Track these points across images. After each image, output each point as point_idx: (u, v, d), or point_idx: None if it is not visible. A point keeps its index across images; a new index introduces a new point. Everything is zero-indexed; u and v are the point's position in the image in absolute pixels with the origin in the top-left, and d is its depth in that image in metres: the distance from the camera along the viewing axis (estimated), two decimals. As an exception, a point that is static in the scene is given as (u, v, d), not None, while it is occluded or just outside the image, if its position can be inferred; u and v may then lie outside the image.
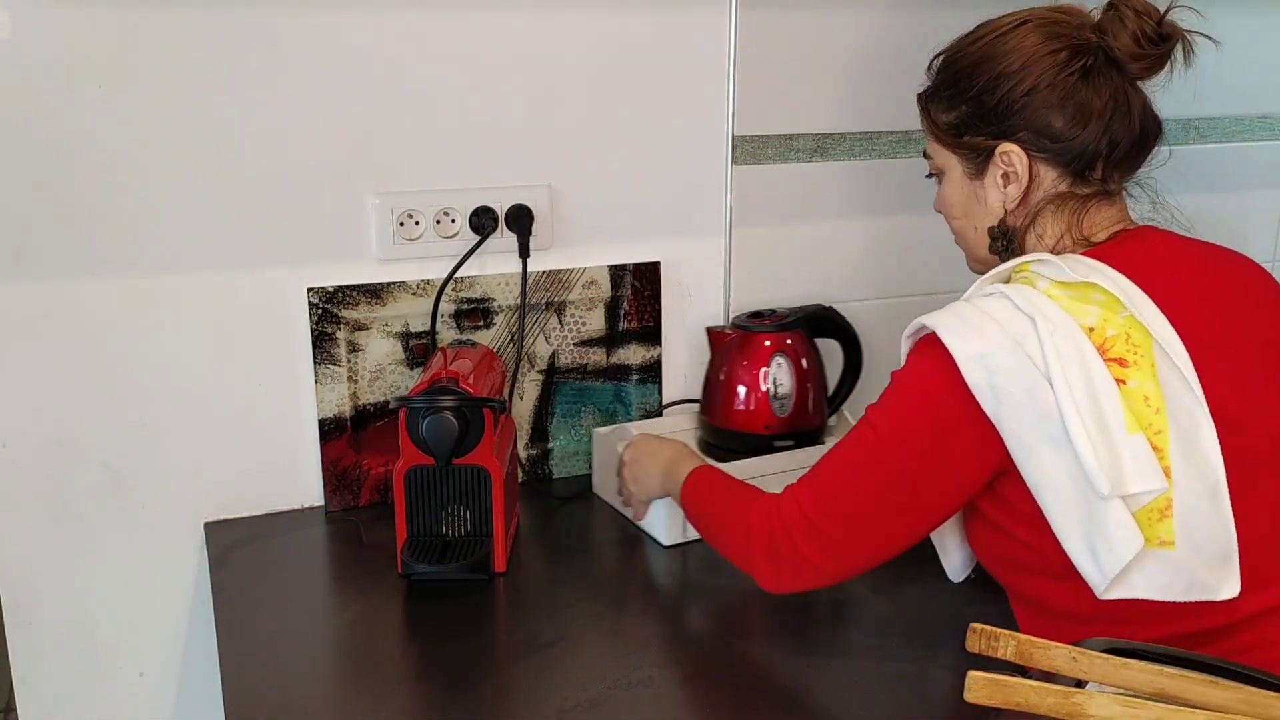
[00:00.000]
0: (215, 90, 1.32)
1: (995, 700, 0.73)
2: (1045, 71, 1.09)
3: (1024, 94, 1.09)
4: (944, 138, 1.17)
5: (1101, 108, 1.08)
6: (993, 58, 1.11)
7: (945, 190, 1.20)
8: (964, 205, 1.18)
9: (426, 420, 1.24)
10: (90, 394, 1.36)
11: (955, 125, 1.15)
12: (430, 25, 1.39)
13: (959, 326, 1.01)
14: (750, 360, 1.48)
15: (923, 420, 1.03)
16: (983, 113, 1.12)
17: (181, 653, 1.47)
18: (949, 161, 1.17)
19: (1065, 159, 1.10)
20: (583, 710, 1.06)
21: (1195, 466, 0.96)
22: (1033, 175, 1.11)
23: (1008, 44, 1.11)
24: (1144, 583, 0.97)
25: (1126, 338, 0.99)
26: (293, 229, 1.40)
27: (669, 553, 1.38)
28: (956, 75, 1.15)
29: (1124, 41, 1.08)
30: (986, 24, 1.15)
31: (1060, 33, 1.10)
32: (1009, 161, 1.11)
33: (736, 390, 1.48)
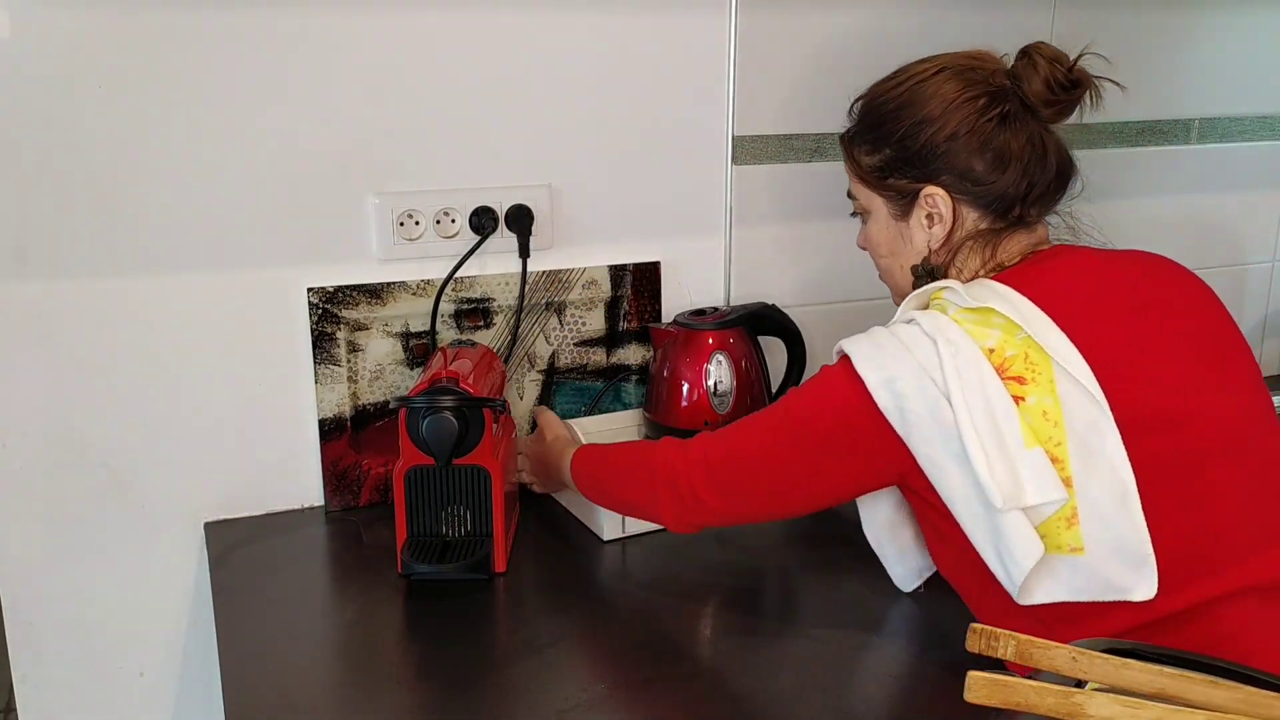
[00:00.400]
0: (215, 90, 1.32)
1: (995, 700, 0.73)
2: (965, 118, 1.13)
3: (945, 139, 1.14)
4: (869, 179, 1.21)
5: (1019, 151, 1.13)
6: (914, 103, 1.16)
7: (871, 229, 1.24)
8: (889, 244, 1.22)
9: (426, 420, 1.24)
10: (90, 394, 1.36)
11: (879, 168, 1.19)
12: (431, 25, 1.39)
13: (872, 353, 1.07)
14: (692, 357, 1.48)
15: (833, 420, 1.08)
16: (906, 156, 1.16)
17: (181, 653, 1.47)
18: (874, 202, 1.22)
19: (986, 201, 1.15)
20: (583, 710, 1.06)
21: (1099, 474, 0.99)
22: (956, 216, 1.16)
23: (928, 90, 1.15)
24: (1058, 588, 1.00)
25: (1025, 357, 1.02)
26: (293, 229, 1.40)
27: (669, 553, 1.38)
28: (879, 120, 1.19)
29: (1036, 88, 1.13)
30: (904, 70, 1.19)
31: (976, 79, 1.15)
32: (934, 204, 1.16)
33: (680, 386, 1.49)
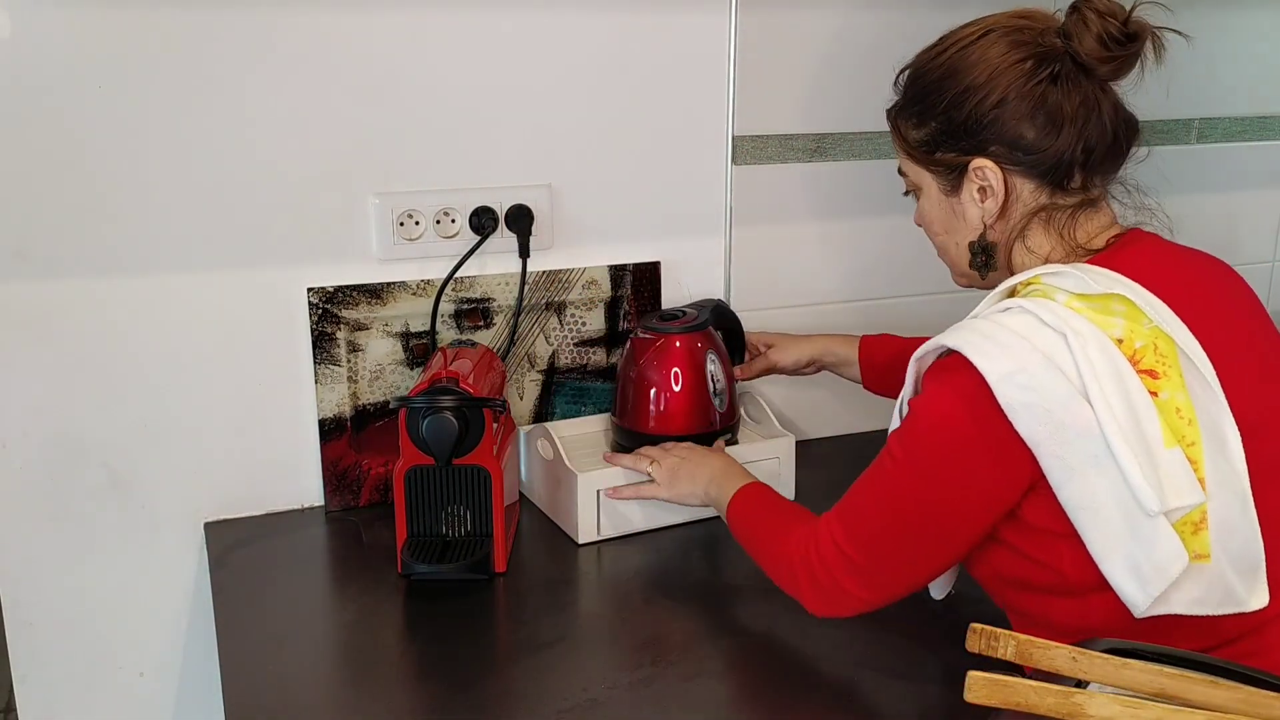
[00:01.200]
0: (215, 90, 1.32)
1: (995, 700, 0.73)
2: (1013, 82, 1.06)
3: (993, 107, 1.06)
4: (916, 155, 1.14)
5: (1072, 114, 1.05)
6: (958, 71, 1.09)
7: (924, 207, 1.17)
8: (943, 221, 1.15)
9: (426, 420, 1.24)
10: (90, 394, 1.36)
11: (926, 142, 1.12)
12: (430, 25, 1.39)
13: (985, 345, 0.97)
14: (690, 362, 1.46)
15: (943, 449, 0.99)
16: (952, 129, 1.09)
17: (181, 653, 1.47)
18: (924, 178, 1.15)
19: (1040, 170, 1.07)
20: (583, 710, 1.06)
21: (1226, 476, 0.95)
22: (1009, 189, 1.09)
23: (972, 56, 1.08)
24: (1180, 598, 0.94)
25: (1154, 348, 0.96)
26: (293, 229, 1.40)
27: (670, 553, 1.38)
28: (923, 91, 1.12)
29: (1089, 44, 1.05)
30: (949, 36, 1.13)
31: (1024, 40, 1.07)
32: (983, 176, 1.09)
33: (685, 391, 1.46)
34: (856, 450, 1.71)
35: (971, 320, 1.03)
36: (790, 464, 1.50)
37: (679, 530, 1.43)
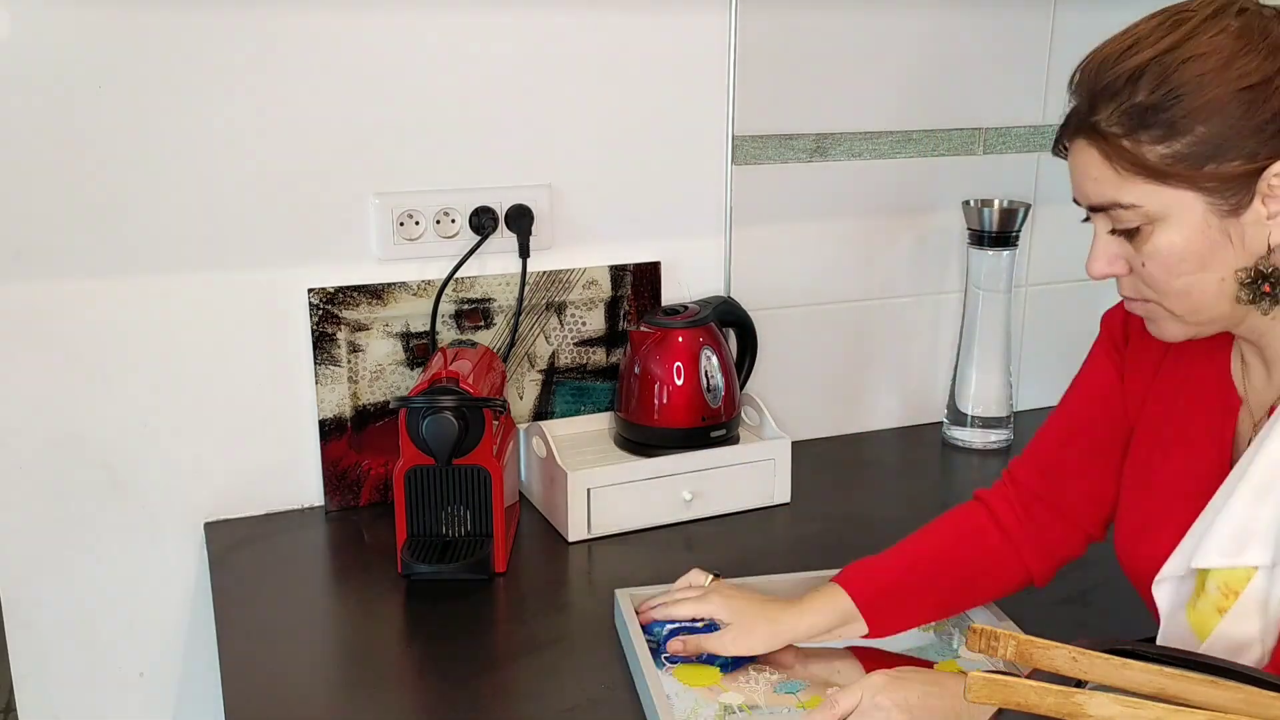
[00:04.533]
0: (215, 90, 1.32)
1: (995, 700, 0.73)
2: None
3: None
4: (1172, 173, 0.88)
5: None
6: (1234, 60, 0.86)
7: (1170, 241, 0.91)
8: (1203, 254, 0.90)
9: (426, 420, 1.24)
10: (90, 394, 1.36)
11: (1190, 155, 0.88)
12: (430, 25, 1.39)
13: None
14: (687, 355, 1.47)
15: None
16: (1233, 132, 0.87)
17: (181, 653, 1.47)
18: (1176, 203, 0.89)
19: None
20: (582, 710, 1.06)
21: None
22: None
23: (1243, 38, 0.87)
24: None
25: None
26: (293, 229, 1.40)
27: (670, 553, 1.38)
28: (1177, 94, 0.87)
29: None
30: (1177, 19, 0.90)
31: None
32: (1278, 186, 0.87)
33: (674, 385, 1.47)
34: (853, 451, 1.72)
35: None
36: (786, 465, 1.50)
37: (672, 529, 1.43)
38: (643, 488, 1.42)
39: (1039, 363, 1.85)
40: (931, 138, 1.69)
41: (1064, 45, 1.73)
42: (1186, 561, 0.93)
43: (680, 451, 1.45)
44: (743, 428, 1.56)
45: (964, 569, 1.16)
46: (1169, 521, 0.99)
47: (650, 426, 1.48)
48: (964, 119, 1.71)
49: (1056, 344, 1.86)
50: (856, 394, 1.76)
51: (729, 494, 1.47)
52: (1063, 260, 1.83)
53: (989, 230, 1.65)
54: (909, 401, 1.79)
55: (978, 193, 1.72)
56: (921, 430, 1.78)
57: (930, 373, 1.79)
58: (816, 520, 1.47)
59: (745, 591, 1.17)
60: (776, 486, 1.50)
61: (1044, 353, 1.85)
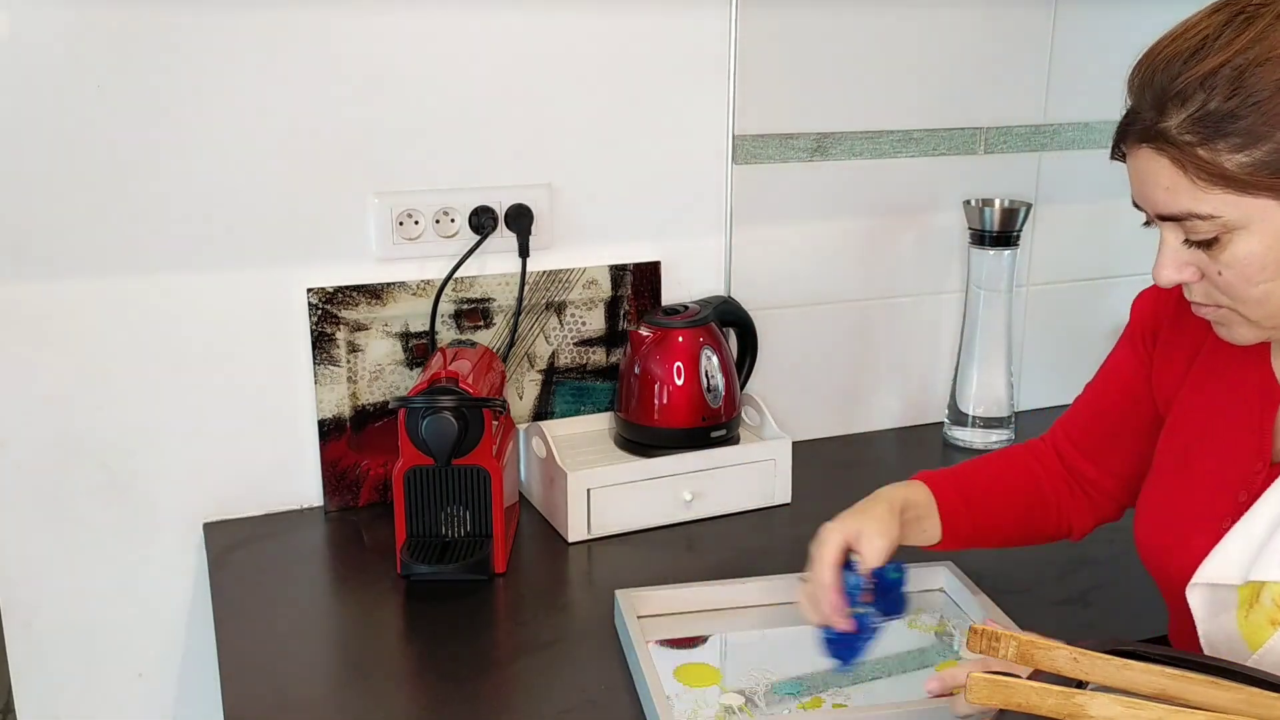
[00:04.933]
0: (214, 90, 1.32)
1: (996, 701, 0.73)
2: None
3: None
4: (1255, 181, 0.86)
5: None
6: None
7: (1250, 249, 0.88)
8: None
9: (426, 420, 1.24)
10: (90, 394, 1.36)
11: (1272, 162, 0.85)
12: (430, 25, 1.39)
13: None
14: (687, 355, 1.47)
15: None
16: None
17: (181, 653, 1.47)
18: (1257, 212, 0.87)
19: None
20: (582, 710, 1.06)
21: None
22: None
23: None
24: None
25: None
26: (292, 229, 1.39)
27: (670, 553, 1.38)
28: (1256, 98, 0.84)
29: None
30: (1243, 18, 0.86)
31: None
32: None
33: (674, 385, 1.47)
34: (853, 451, 1.71)
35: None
36: (786, 465, 1.50)
37: (672, 529, 1.43)
38: (643, 488, 1.42)
39: (1040, 362, 1.85)
40: (932, 137, 1.69)
41: (1064, 45, 1.73)
42: (1241, 572, 0.92)
43: (680, 452, 1.45)
44: (743, 428, 1.56)
45: (1024, 500, 1.18)
46: (1205, 514, 0.99)
47: (650, 426, 1.48)
48: (964, 119, 1.71)
49: (1058, 344, 1.85)
50: (857, 394, 1.76)
51: (729, 494, 1.47)
52: (1064, 260, 1.83)
53: (990, 230, 1.64)
54: (910, 401, 1.79)
55: (978, 192, 1.71)
56: (922, 430, 1.78)
57: (931, 373, 1.79)
58: (817, 521, 1.45)
59: (848, 515, 1.10)
60: (777, 487, 1.50)
61: (1045, 352, 1.85)
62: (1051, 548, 1.39)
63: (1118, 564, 1.35)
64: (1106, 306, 1.87)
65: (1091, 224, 1.82)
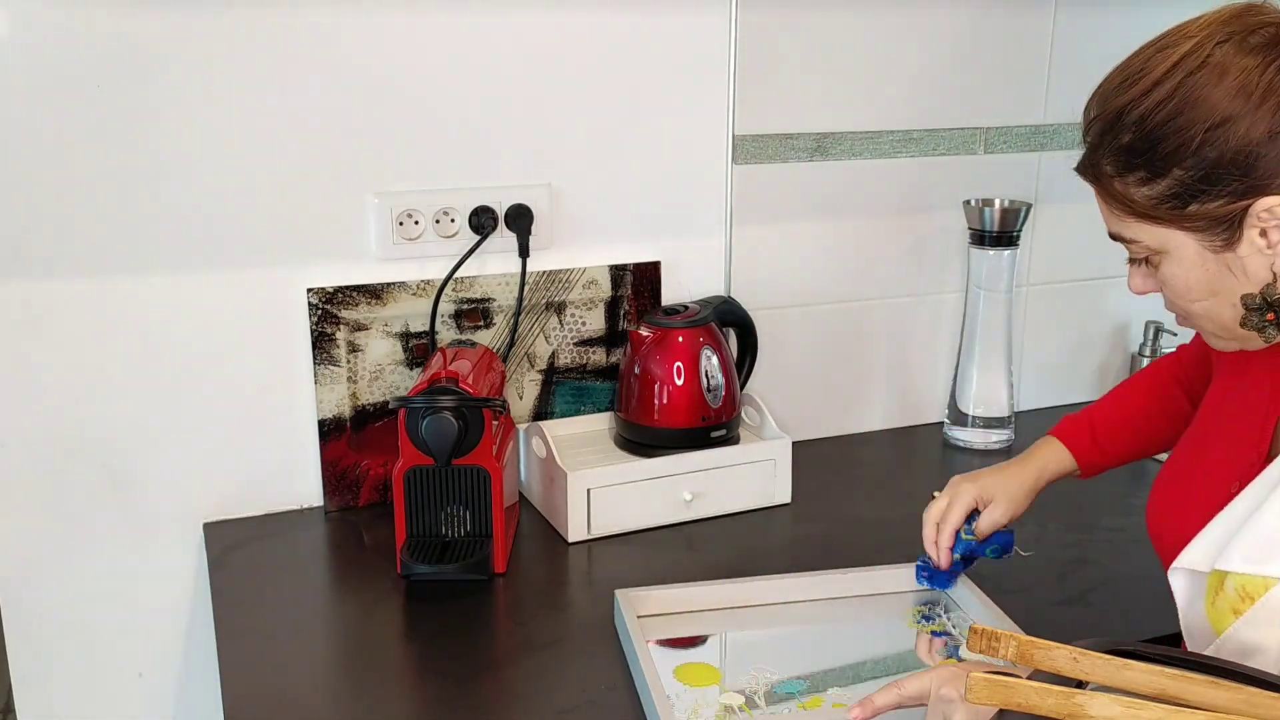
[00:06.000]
0: (214, 90, 1.32)
1: (996, 701, 0.73)
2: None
3: (1265, 135, 0.86)
4: (1159, 215, 0.91)
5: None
6: (1197, 103, 0.87)
7: (1174, 272, 0.94)
8: (1208, 283, 0.93)
9: (426, 420, 1.24)
10: (90, 394, 1.36)
11: (1173, 196, 0.90)
12: (430, 25, 1.39)
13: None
14: (688, 355, 1.48)
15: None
16: (1211, 173, 0.88)
17: (181, 653, 1.47)
18: (1172, 239, 0.92)
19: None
20: (582, 710, 1.06)
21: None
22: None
23: (1206, 80, 0.87)
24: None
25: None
26: (292, 229, 1.39)
27: (670, 553, 1.38)
28: (1150, 137, 0.89)
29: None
30: (1152, 61, 0.90)
31: (1262, 41, 0.87)
32: (1273, 216, 0.88)
33: (674, 385, 1.47)
34: (852, 452, 1.71)
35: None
36: (786, 465, 1.50)
37: (672, 529, 1.43)
38: (643, 488, 1.42)
39: (1040, 363, 1.85)
40: (932, 137, 1.69)
41: (1064, 45, 1.73)
42: (1209, 560, 0.94)
43: (680, 452, 1.45)
44: (743, 428, 1.56)
45: (1162, 430, 1.24)
46: (1200, 508, 1.00)
47: (650, 427, 1.48)
48: (964, 119, 1.71)
49: (1058, 344, 1.86)
50: (857, 394, 1.76)
51: (729, 494, 1.47)
52: (1064, 260, 1.83)
53: (990, 230, 1.64)
54: (909, 401, 1.79)
55: (978, 192, 1.71)
56: (922, 430, 1.78)
57: (931, 373, 1.79)
58: (817, 520, 1.47)
59: (980, 473, 1.24)
60: (777, 487, 1.50)
61: (1045, 352, 1.85)
62: (1052, 548, 1.39)
63: (1118, 564, 1.35)
64: (1106, 306, 1.87)
65: (1091, 224, 1.79)
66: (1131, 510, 1.48)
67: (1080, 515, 1.47)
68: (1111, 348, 1.90)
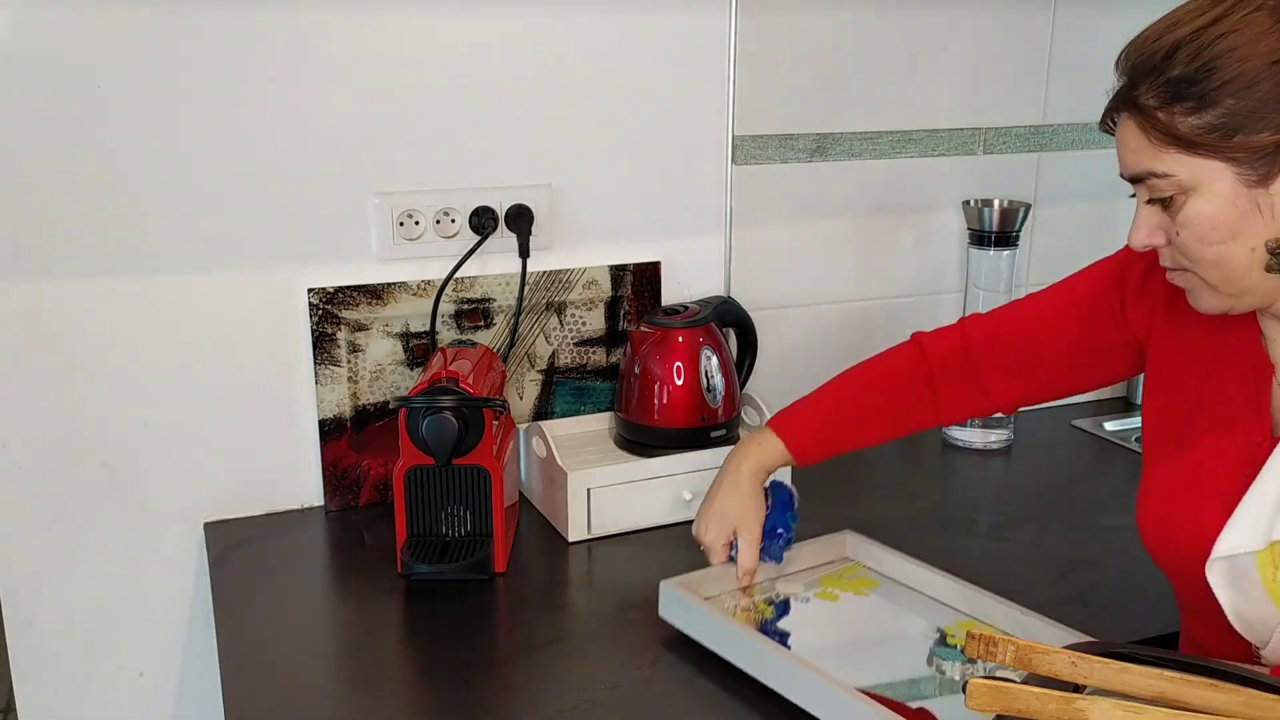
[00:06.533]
0: (215, 90, 1.32)
1: (997, 707, 0.73)
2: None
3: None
4: (1203, 142, 0.91)
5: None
6: (1264, 35, 0.89)
7: (1200, 209, 0.93)
8: (1233, 223, 0.93)
9: (426, 420, 1.24)
10: (90, 394, 1.36)
11: (1221, 125, 0.90)
12: (431, 25, 1.39)
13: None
14: (687, 355, 1.48)
15: None
16: (1265, 105, 0.89)
17: (181, 653, 1.47)
18: (1206, 173, 0.92)
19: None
20: (582, 710, 1.07)
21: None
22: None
23: (1271, 16, 0.89)
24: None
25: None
26: (293, 229, 1.39)
27: (670, 553, 1.38)
28: (1201, 66, 0.90)
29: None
30: (1196, 7, 0.93)
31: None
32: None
33: (674, 385, 1.47)
34: (853, 451, 1.71)
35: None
36: (788, 465, 1.50)
37: (672, 529, 1.43)
38: (643, 488, 1.42)
39: (1039, 362, 1.84)
40: (932, 137, 1.69)
41: (1064, 45, 1.73)
42: (1257, 539, 0.94)
43: (680, 451, 1.45)
44: (743, 428, 1.56)
45: (888, 407, 1.29)
46: (1212, 493, 1.00)
47: (650, 426, 1.48)
48: (964, 119, 1.71)
49: (1056, 344, 1.85)
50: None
51: (729, 494, 1.47)
52: (1063, 260, 1.82)
53: (989, 230, 1.64)
54: (909, 401, 1.79)
55: (978, 193, 1.72)
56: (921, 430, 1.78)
57: (930, 372, 1.79)
58: (817, 521, 1.47)
59: (709, 504, 1.26)
60: (776, 487, 1.50)
61: (1044, 352, 1.85)
62: (1052, 548, 1.39)
63: (1118, 564, 1.35)
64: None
65: (1091, 224, 1.82)
66: (1131, 509, 1.48)
67: (1080, 515, 1.47)
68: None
